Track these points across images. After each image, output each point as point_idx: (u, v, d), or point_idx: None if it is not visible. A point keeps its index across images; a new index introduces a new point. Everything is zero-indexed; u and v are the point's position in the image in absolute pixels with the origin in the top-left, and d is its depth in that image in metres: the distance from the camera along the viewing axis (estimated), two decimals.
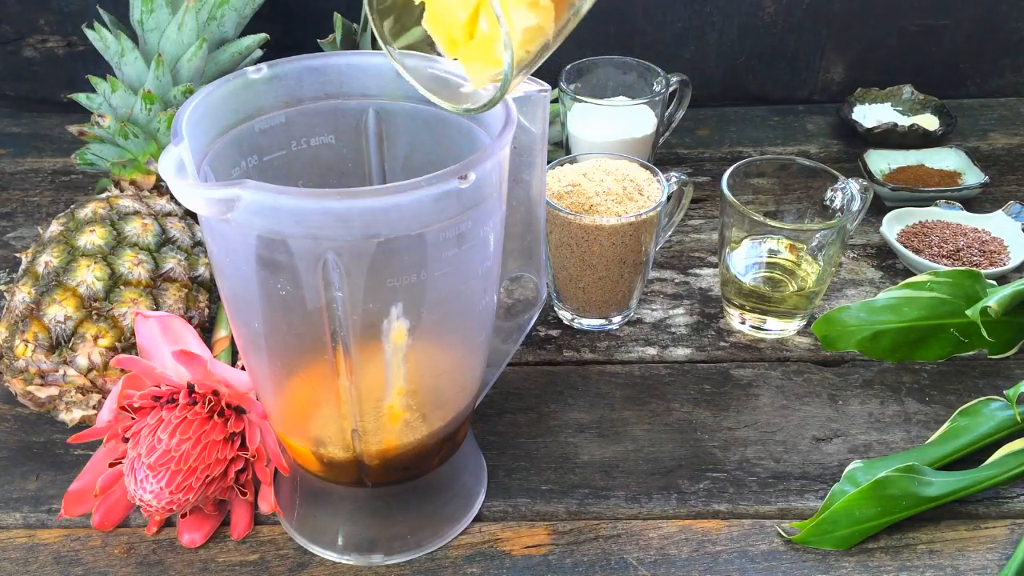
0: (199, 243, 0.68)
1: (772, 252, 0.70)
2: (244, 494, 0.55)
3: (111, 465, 0.54)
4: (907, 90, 0.97)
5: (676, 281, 0.77)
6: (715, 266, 0.78)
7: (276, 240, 0.43)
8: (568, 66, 0.83)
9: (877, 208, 0.84)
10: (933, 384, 0.66)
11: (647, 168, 0.70)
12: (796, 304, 0.69)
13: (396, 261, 0.44)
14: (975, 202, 0.84)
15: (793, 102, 1.02)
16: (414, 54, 0.53)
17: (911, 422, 0.63)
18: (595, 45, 0.99)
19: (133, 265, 0.63)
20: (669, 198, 0.70)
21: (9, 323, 0.62)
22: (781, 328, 0.70)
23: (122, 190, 0.73)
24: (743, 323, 0.71)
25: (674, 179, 0.69)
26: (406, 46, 0.50)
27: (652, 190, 0.68)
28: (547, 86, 0.53)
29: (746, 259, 0.70)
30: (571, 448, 0.62)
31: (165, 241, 0.66)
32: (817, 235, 0.66)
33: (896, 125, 0.92)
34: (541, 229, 0.60)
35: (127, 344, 0.61)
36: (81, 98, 0.76)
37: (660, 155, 0.92)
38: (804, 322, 0.71)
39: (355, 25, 0.82)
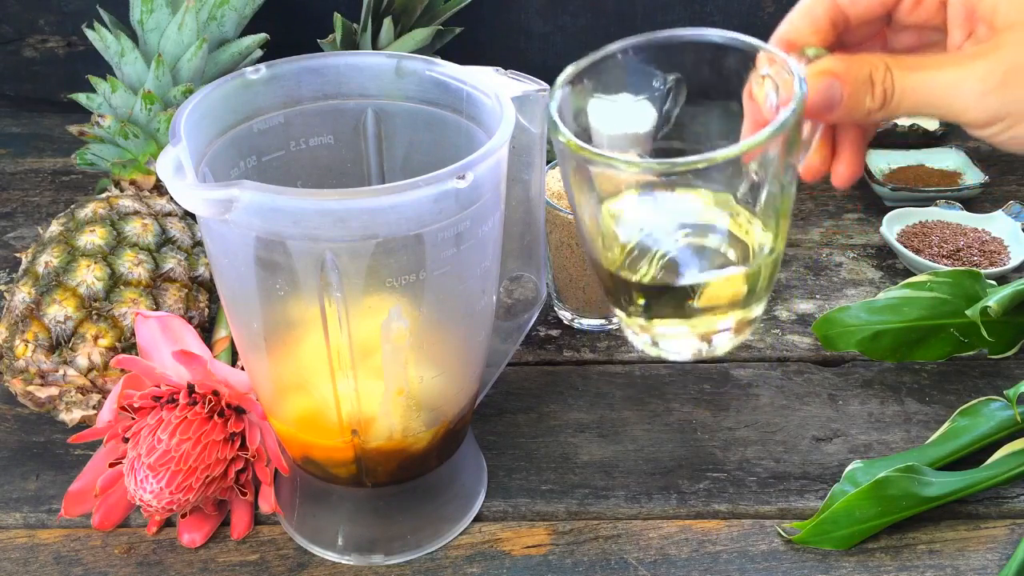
0: (199, 243, 0.68)
1: None
2: (244, 494, 0.55)
3: (111, 465, 0.54)
4: None
5: None
6: None
7: (275, 241, 0.43)
8: (569, 65, 0.83)
9: (877, 208, 0.84)
10: (933, 384, 0.66)
11: None
12: None
13: (395, 261, 0.44)
14: (975, 202, 0.84)
15: None
16: (415, 56, 0.53)
17: (911, 422, 0.63)
18: (595, 45, 0.99)
19: (133, 265, 0.63)
20: None
21: (9, 323, 0.62)
22: None
23: (122, 190, 0.73)
24: None
25: None
26: (406, 49, 0.49)
27: None
28: (546, 85, 0.53)
29: None
30: (571, 448, 0.62)
31: (165, 241, 0.66)
32: None
33: (896, 125, 0.91)
34: (541, 229, 0.60)
35: (127, 344, 0.61)
36: (81, 98, 0.76)
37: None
38: None
39: (355, 25, 0.82)
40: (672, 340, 0.45)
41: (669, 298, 0.44)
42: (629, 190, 0.42)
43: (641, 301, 0.44)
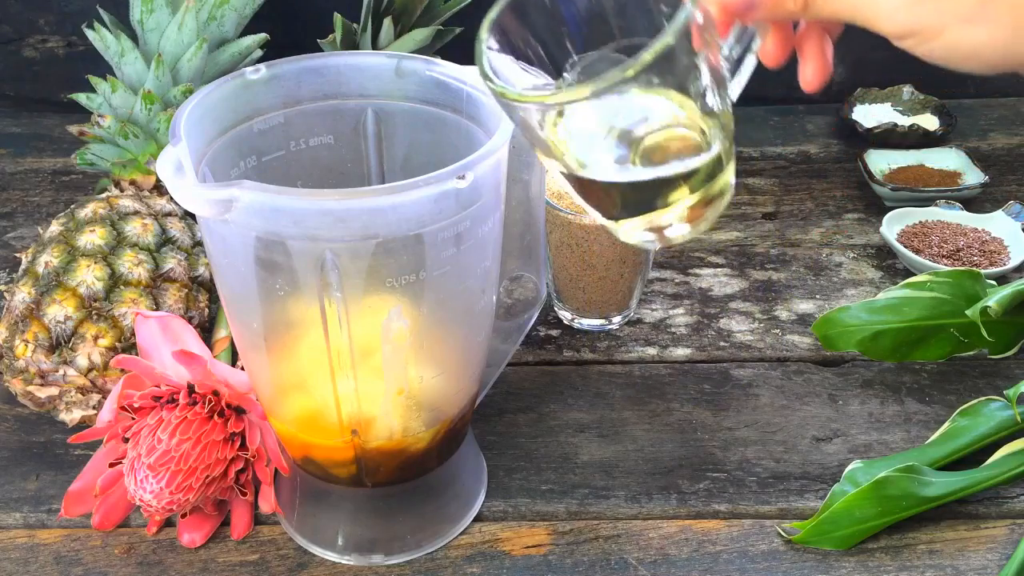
0: (199, 243, 0.68)
1: None
2: (244, 494, 0.55)
3: (111, 465, 0.54)
4: (907, 90, 0.97)
5: (676, 281, 0.77)
6: (716, 266, 0.78)
7: (275, 241, 0.43)
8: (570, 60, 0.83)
9: (877, 208, 0.84)
10: (933, 384, 0.66)
11: None
12: None
13: (395, 261, 0.44)
14: (975, 202, 0.84)
15: (793, 102, 1.02)
16: (415, 56, 0.53)
17: (911, 422, 0.63)
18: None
19: (133, 265, 0.63)
20: None
21: (9, 323, 0.62)
22: None
23: (122, 190, 0.73)
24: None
25: None
26: (406, 49, 0.49)
27: None
28: (550, 80, 0.53)
29: None
30: (571, 448, 0.62)
31: (165, 241, 0.66)
32: None
33: (896, 125, 0.92)
34: (541, 229, 0.60)
35: (127, 344, 0.61)
36: (81, 98, 0.76)
37: None
38: None
39: (355, 25, 0.82)
40: (642, 231, 0.45)
41: (637, 192, 0.44)
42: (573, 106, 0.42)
43: (614, 198, 0.44)
